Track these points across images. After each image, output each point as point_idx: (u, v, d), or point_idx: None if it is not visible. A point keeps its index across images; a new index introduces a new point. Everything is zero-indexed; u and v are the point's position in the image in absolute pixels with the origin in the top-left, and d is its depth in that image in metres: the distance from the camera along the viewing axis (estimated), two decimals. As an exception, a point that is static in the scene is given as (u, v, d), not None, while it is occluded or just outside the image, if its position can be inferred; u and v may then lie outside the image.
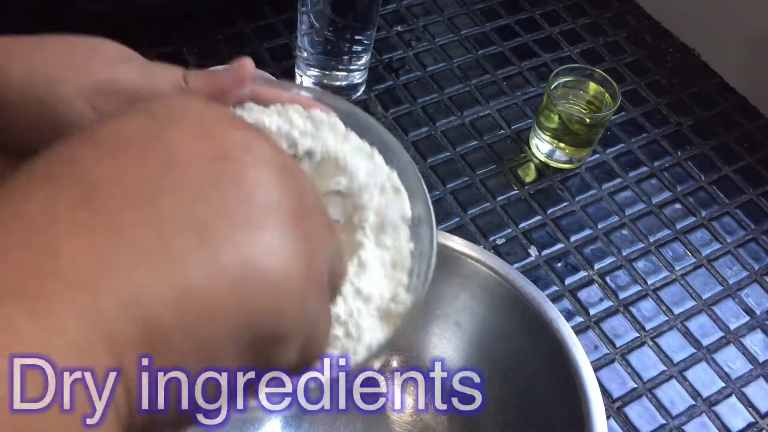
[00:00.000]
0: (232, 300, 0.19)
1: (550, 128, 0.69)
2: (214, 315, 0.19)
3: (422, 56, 0.78)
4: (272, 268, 0.20)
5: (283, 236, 0.20)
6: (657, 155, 0.74)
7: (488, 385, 0.49)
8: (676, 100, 0.79)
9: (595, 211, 0.69)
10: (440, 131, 0.72)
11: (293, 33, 0.75)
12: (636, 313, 0.62)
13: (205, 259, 0.19)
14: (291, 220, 0.21)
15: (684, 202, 0.71)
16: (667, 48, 0.84)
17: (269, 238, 0.20)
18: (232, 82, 0.34)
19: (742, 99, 0.80)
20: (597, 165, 0.72)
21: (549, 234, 0.66)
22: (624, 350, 0.60)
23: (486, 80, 0.77)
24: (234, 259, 0.19)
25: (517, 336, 0.52)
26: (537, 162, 0.71)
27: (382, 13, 0.81)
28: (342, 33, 0.66)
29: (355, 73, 0.71)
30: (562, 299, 0.62)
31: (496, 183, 0.69)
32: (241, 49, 0.76)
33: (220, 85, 0.34)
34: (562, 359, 0.48)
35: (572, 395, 0.46)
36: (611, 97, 0.68)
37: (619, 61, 0.82)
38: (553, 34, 0.83)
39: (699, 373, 0.60)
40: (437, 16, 0.82)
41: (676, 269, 0.66)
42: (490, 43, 0.81)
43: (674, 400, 0.58)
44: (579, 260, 0.65)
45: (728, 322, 0.63)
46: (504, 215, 0.67)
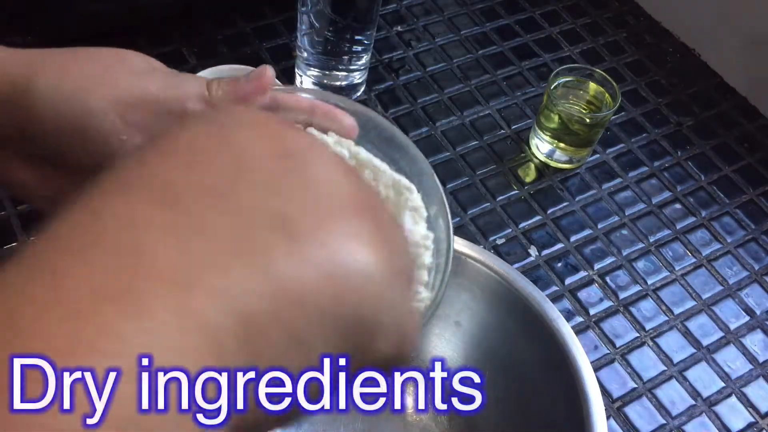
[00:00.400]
0: (325, 292, 0.19)
1: (550, 128, 0.69)
2: (309, 308, 0.19)
3: (422, 56, 0.78)
4: (359, 260, 0.20)
5: (361, 228, 0.21)
6: (657, 155, 0.74)
7: (488, 385, 0.49)
8: (676, 100, 0.79)
9: (595, 211, 0.69)
10: (440, 131, 0.72)
11: (293, 33, 0.75)
12: (636, 313, 0.62)
13: (294, 254, 0.19)
14: (364, 212, 0.21)
15: (684, 202, 0.71)
16: (667, 48, 0.84)
17: (350, 231, 0.20)
18: (253, 89, 0.35)
19: (742, 99, 0.80)
20: (597, 165, 0.72)
21: (549, 234, 0.66)
22: (624, 350, 0.60)
23: (486, 80, 0.77)
24: (321, 252, 0.19)
25: (517, 336, 0.52)
26: (537, 162, 0.71)
27: (382, 13, 0.81)
28: (342, 33, 0.66)
29: (355, 73, 0.71)
30: (562, 299, 0.62)
31: (496, 183, 0.69)
32: (241, 49, 0.76)
33: (242, 92, 0.34)
34: (562, 359, 0.48)
35: (572, 395, 0.46)
36: (611, 97, 0.68)
37: (619, 61, 0.82)
38: (553, 34, 0.83)
39: (699, 373, 0.60)
40: (437, 16, 0.83)
41: (676, 269, 0.66)
42: (490, 43, 0.81)
43: (674, 400, 0.58)
44: (579, 260, 0.65)
45: (728, 322, 0.63)
46: (504, 215, 0.67)
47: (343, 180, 0.22)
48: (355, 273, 0.20)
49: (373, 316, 0.20)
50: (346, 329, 0.20)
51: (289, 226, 0.19)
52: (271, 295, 0.18)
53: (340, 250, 0.20)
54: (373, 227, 0.21)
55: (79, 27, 0.70)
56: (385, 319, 0.21)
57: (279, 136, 0.21)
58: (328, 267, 0.19)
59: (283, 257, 0.19)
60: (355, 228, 0.21)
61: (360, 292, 0.20)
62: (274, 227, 0.19)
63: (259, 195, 0.20)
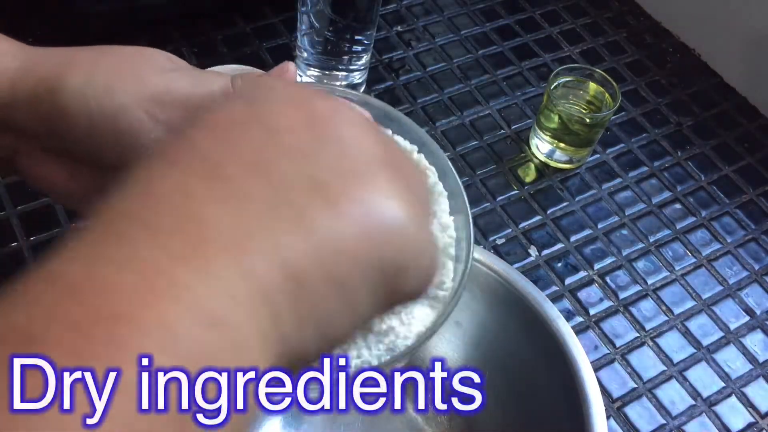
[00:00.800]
0: (362, 243, 0.22)
1: (550, 128, 0.69)
2: (349, 260, 0.21)
3: (422, 56, 0.78)
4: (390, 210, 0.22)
5: (388, 181, 0.23)
6: (657, 155, 0.74)
7: (488, 385, 0.49)
8: (676, 100, 0.79)
9: (595, 211, 0.69)
10: (440, 131, 0.72)
11: (293, 33, 0.75)
12: (636, 313, 0.62)
13: (331, 212, 0.21)
14: (390, 167, 0.23)
15: (684, 202, 0.71)
16: (667, 48, 0.84)
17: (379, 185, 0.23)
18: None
19: (742, 99, 0.80)
20: (597, 165, 0.72)
21: (549, 234, 0.66)
22: (624, 350, 0.60)
23: (486, 80, 0.77)
24: (355, 207, 0.22)
25: (517, 336, 0.52)
26: (537, 162, 0.71)
27: (382, 13, 0.81)
28: (342, 33, 0.66)
29: (355, 73, 0.71)
30: (562, 299, 0.62)
31: (496, 183, 0.69)
32: (241, 49, 0.76)
33: None
34: (562, 359, 0.48)
35: (572, 395, 0.46)
36: (611, 97, 0.68)
37: (619, 61, 0.82)
38: (553, 34, 0.83)
39: (699, 373, 0.60)
40: (437, 16, 0.83)
41: (676, 269, 0.66)
42: (490, 43, 0.81)
43: (674, 400, 0.58)
44: (579, 260, 0.65)
45: (728, 322, 0.63)
46: (504, 215, 0.67)
47: (368, 138, 0.24)
48: (388, 223, 0.22)
49: (406, 260, 0.23)
50: (383, 272, 0.22)
51: (323, 188, 0.22)
52: (315, 248, 0.21)
53: (372, 204, 0.22)
54: (398, 179, 0.23)
55: (79, 27, 0.70)
56: (415, 263, 0.23)
57: (306, 105, 0.24)
58: (362, 220, 0.22)
59: (322, 216, 0.21)
60: (383, 182, 0.23)
61: (393, 240, 0.22)
62: (310, 190, 0.21)
63: (294, 162, 0.22)
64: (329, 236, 0.21)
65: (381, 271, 0.22)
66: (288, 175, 0.21)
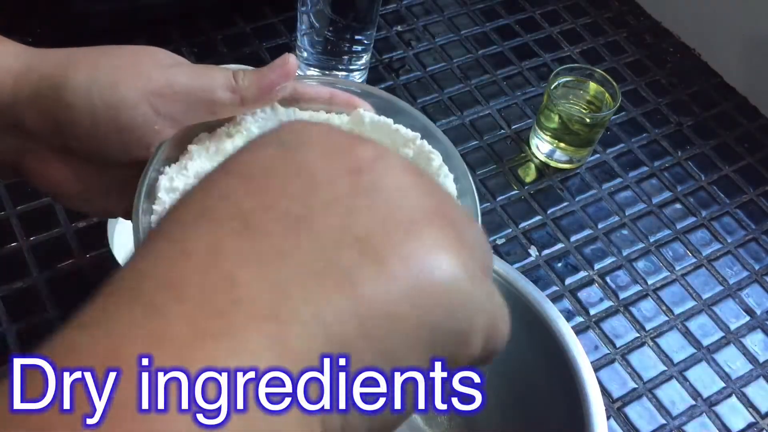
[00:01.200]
0: (413, 307, 0.19)
1: (550, 128, 0.69)
2: (398, 325, 0.19)
3: (422, 56, 0.78)
4: (442, 269, 0.20)
5: (439, 235, 0.21)
6: (657, 155, 0.74)
7: (488, 385, 0.49)
8: (676, 100, 0.79)
9: (595, 211, 0.69)
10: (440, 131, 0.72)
11: (293, 33, 0.75)
12: (636, 313, 0.62)
13: (376, 273, 0.19)
14: (439, 218, 0.21)
15: (684, 202, 0.71)
16: (667, 48, 0.84)
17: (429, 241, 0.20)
18: (278, 77, 0.36)
19: (742, 99, 0.80)
20: (597, 165, 0.72)
21: (549, 234, 0.66)
22: (624, 350, 0.60)
23: (486, 80, 0.77)
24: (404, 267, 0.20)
25: (517, 336, 0.51)
26: (537, 162, 0.71)
27: (382, 13, 0.81)
28: (342, 33, 0.66)
29: (355, 73, 0.71)
30: (562, 299, 0.62)
31: (496, 183, 0.69)
32: (241, 49, 0.76)
33: (267, 81, 0.35)
34: (562, 359, 0.48)
35: (572, 395, 0.46)
36: (611, 97, 0.68)
37: (619, 61, 0.82)
38: (553, 34, 0.83)
39: (699, 373, 0.60)
40: (437, 16, 0.82)
41: (676, 269, 0.66)
42: (490, 43, 0.81)
43: (674, 400, 0.58)
44: (579, 260, 0.65)
45: (728, 322, 0.63)
46: (504, 215, 0.67)
47: (415, 188, 0.22)
48: (441, 283, 0.20)
49: (464, 322, 0.21)
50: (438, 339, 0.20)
51: (368, 245, 0.20)
52: (361, 316, 0.19)
53: (422, 262, 0.20)
54: (449, 231, 0.21)
55: (79, 27, 0.70)
56: (476, 322, 0.21)
57: (345, 151, 0.22)
58: (413, 282, 0.20)
59: (367, 277, 0.19)
60: (432, 237, 0.21)
61: (448, 301, 0.20)
62: (354, 247, 0.19)
63: (335, 215, 0.20)
64: (376, 301, 0.19)
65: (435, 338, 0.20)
66: (329, 231, 0.19)
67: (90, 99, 0.33)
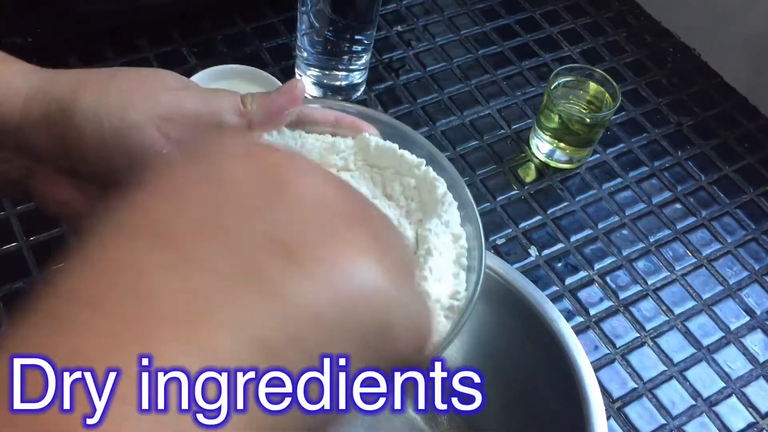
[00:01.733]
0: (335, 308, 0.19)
1: (550, 128, 0.69)
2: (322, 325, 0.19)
3: (422, 56, 0.78)
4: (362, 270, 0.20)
5: (357, 237, 0.21)
6: (657, 155, 0.74)
7: (488, 385, 0.49)
8: (676, 100, 0.79)
9: (595, 211, 0.69)
10: (440, 131, 0.72)
11: (293, 33, 0.75)
12: (636, 313, 0.62)
13: (297, 275, 0.19)
14: (357, 222, 0.21)
15: (684, 202, 0.71)
16: (667, 48, 0.84)
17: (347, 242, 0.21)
18: (285, 102, 0.36)
19: (742, 99, 0.80)
20: (597, 165, 0.72)
21: (549, 234, 0.66)
22: (624, 350, 0.60)
23: (486, 80, 0.77)
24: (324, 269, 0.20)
25: (517, 336, 0.51)
26: (537, 162, 0.71)
27: (382, 13, 0.81)
28: (342, 33, 0.66)
29: (355, 73, 0.71)
30: (562, 299, 0.62)
31: (496, 183, 0.69)
32: (241, 48, 0.76)
33: (275, 105, 0.36)
34: (562, 359, 0.48)
35: (572, 395, 0.46)
36: (611, 97, 0.68)
37: (619, 61, 0.82)
38: (553, 34, 0.83)
39: (699, 373, 0.60)
40: (437, 16, 0.82)
41: (676, 269, 0.66)
42: (490, 43, 0.81)
43: (674, 400, 0.58)
44: (579, 260, 0.65)
45: (728, 322, 0.63)
46: (504, 215, 0.67)
47: (331, 193, 0.22)
48: (359, 283, 0.20)
49: (387, 322, 0.21)
50: (363, 338, 0.20)
51: (286, 249, 0.19)
52: (283, 318, 0.19)
53: (341, 264, 0.20)
54: (368, 234, 0.21)
55: (79, 27, 0.70)
56: (398, 320, 0.21)
57: (258, 157, 0.21)
58: (332, 282, 0.20)
59: (288, 280, 0.19)
60: (353, 241, 0.21)
61: (370, 302, 0.20)
62: (273, 252, 0.19)
63: (250, 222, 0.20)
64: (298, 303, 0.19)
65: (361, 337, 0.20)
66: (245, 238, 0.19)
67: (98, 122, 0.33)
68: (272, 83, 0.67)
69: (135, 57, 0.73)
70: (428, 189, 0.36)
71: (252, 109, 0.35)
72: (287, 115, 0.36)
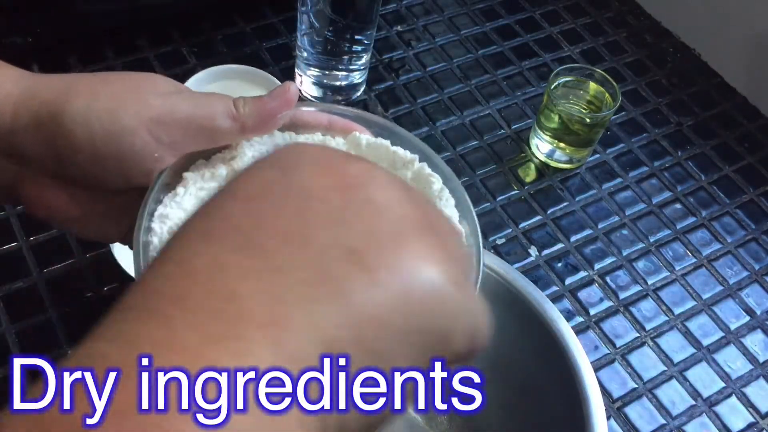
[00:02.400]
0: (400, 312, 0.21)
1: (550, 128, 0.69)
2: (387, 329, 0.21)
3: (422, 56, 0.78)
4: (427, 276, 0.22)
5: (424, 245, 0.23)
6: (657, 155, 0.74)
7: (488, 385, 0.49)
8: (676, 100, 0.79)
9: (595, 211, 0.69)
10: (440, 131, 0.72)
11: (293, 33, 0.75)
12: (636, 313, 0.62)
13: (367, 282, 0.21)
14: (424, 229, 0.23)
15: (684, 202, 0.71)
16: (667, 48, 0.84)
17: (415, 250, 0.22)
18: (279, 105, 0.36)
19: (742, 99, 0.80)
20: (597, 165, 0.72)
21: (549, 234, 0.66)
22: (624, 350, 0.60)
23: (486, 80, 0.77)
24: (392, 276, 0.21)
25: (517, 336, 0.51)
26: (537, 162, 0.71)
27: (382, 13, 0.81)
28: (342, 33, 0.66)
29: (355, 73, 0.71)
30: (562, 299, 0.62)
31: (496, 183, 0.69)
32: (240, 48, 0.76)
33: (268, 109, 0.36)
34: (562, 359, 0.48)
35: (572, 395, 0.46)
36: (611, 97, 0.68)
37: (619, 61, 0.82)
38: (553, 34, 0.83)
39: (699, 373, 0.60)
40: (437, 16, 0.82)
41: (676, 269, 0.66)
42: (490, 43, 0.81)
43: (674, 400, 0.58)
44: (579, 260, 0.65)
45: (728, 322, 0.63)
46: (504, 215, 0.67)
47: (402, 201, 0.23)
48: (425, 289, 0.22)
49: (448, 325, 0.22)
50: (425, 340, 0.22)
51: (359, 257, 0.21)
52: (352, 322, 0.20)
53: (408, 270, 0.22)
54: (434, 241, 0.23)
55: (79, 27, 0.70)
56: (459, 324, 0.23)
57: (336, 170, 0.23)
58: (400, 289, 0.21)
59: (358, 286, 0.21)
60: (418, 247, 0.22)
61: (432, 306, 0.22)
62: (346, 259, 0.21)
63: (328, 230, 0.22)
64: (367, 307, 0.21)
65: (422, 339, 0.22)
66: (322, 245, 0.21)
67: (89, 126, 0.33)
68: (272, 83, 0.67)
69: (135, 57, 0.73)
70: (423, 184, 0.36)
71: (245, 112, 0.35)
72: (280, 119, 0.36)
